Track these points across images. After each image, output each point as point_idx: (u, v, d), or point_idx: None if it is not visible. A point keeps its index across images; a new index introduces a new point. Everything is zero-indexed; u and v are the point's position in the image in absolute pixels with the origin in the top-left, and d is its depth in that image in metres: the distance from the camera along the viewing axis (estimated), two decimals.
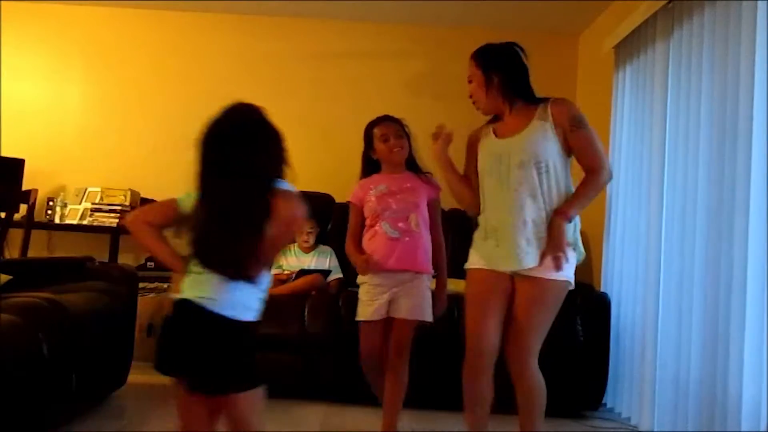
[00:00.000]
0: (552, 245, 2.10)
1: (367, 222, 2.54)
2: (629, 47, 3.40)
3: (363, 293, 2.50)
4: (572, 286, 2.22)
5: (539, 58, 2.60)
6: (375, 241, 2.49)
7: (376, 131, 2.54)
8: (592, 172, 2.15)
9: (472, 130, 2.42)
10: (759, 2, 2.25)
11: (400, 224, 2.47)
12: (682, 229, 2.73)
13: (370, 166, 2.60)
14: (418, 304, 2.46)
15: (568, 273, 2.16)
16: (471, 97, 2.33)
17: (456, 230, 3.91)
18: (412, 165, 2.59)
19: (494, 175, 2.19)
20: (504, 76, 2.23)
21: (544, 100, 2.21)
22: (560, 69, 4.40)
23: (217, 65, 4.48)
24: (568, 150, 2.17)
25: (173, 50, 4.49)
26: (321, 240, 3.80)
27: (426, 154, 2.82)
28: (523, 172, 2.12)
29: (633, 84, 3.36)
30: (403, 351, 2.47)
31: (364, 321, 2.48)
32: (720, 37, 2.49)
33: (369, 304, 2.47)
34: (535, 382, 2.20)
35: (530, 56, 2.40)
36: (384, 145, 2.52)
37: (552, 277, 2.13)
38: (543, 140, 2.14)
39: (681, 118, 2.80)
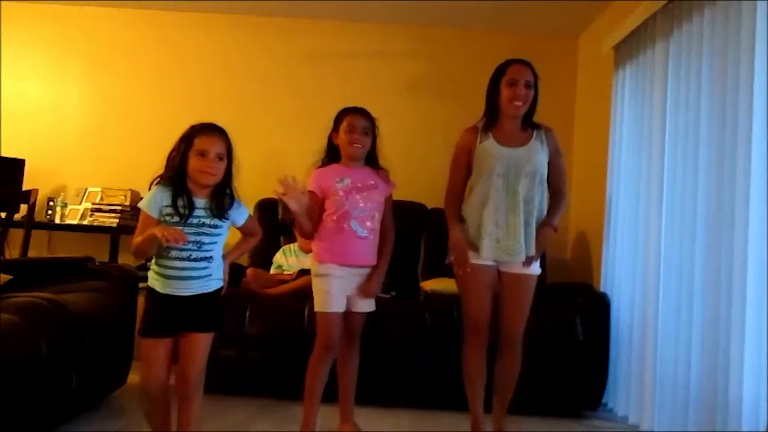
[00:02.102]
0: (539, 248, 2.52)
1: (331, 215, 2.49)
2: (629, 47, 3.40)
3: (327, 285, 2.48)
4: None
5: (539, 59, 2.62)
6: (342, 238, 2.47)
7: (346, 119, 2.53)
8: (562, 193, 2.64)
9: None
10: (759, 2, 2.25)
11: (368, 223, 2.50)
12: (681, 228, 2.73)
13: (331, 151, 2.58)
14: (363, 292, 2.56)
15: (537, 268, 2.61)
16: (520, 99, 2.48)
17: None
18: (371, 160, 2.58)
19: (502, 178, 2.48)
20: (536, 94, 2.55)
21: (537, 125, 2.57)
22: (560, 69, 4.40)
23: (217, 65, 4.48)
24: None
25: (173, 50, 4.50)
26: None
27: (416, 151, 2.81)
28: (528, 180, 2.48)
29: (633, 84, 3.36)
30: (357, 336, 2.60)
31: (330, 312, 2.47)
32: (720, 37, 2.49)
33: (336, 296, 2.47)
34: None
35: (530, 57, 2.50)
36: (346, 135, 2.50)
37: (530, 273, 2.56)
38: (543, 157, 2.53)
39: (680, 118, 2.80)
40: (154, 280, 2.09)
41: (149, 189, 2.09)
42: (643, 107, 3.19)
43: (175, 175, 2.07)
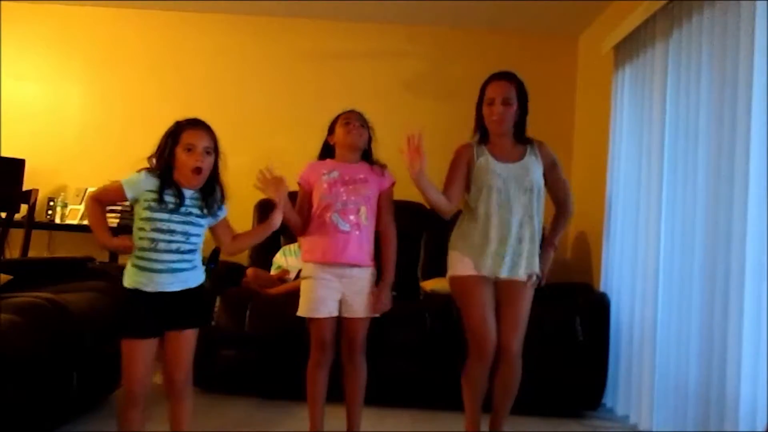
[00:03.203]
0: (543, 270, 2.56)
1: (315, 208, 2.45)
2: (628, 48, 3.40)
3: (311, 290, 2.42)
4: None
5: (539, 59, 2.63)
6: (323, 232, 2.41)
7: (341, 117, 2.51)
8: (566, 206, 2.66)
9: (468, 130, 2.60)
10: (758, 2, 2.25)
11: (351, 217, 2.41)
12: (681, 229, 2.73)
13: (326, 151, 2.54)
14: (369, 301, 2.44)
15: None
16: (499, 116, 2.47)
17: None
18: (366, 157, 2.53)
19: (503, 194, 2.48)
20: (523, 108, 2.53)
21: (529, 140, 2.57)
22: (560, 70, 4.40)
23: (217, 65, 4.48)
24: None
25: (174, 50, 4.50)
26: None
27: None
28: (527, 196, 2.49)
29: (632, 84, 3.36)
30: (359, 348, 2.46)
31: (317, 318, 2.41)
32: (719, 37, 2.49)
33: (319, 301, 2.40)
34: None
35: (529, 57, 2.48)
36: (343, 128, 2.47)
37: (528, 286, 2.53)
38: (539, 171, 2.53)
39: (680, 118, 2.80)
40: (136, 280, 2.02)
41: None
42: (643, 107, 3.19)
43: (163, 170, 2.06)
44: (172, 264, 2.03)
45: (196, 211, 2.08)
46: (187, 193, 2.07)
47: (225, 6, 4.35)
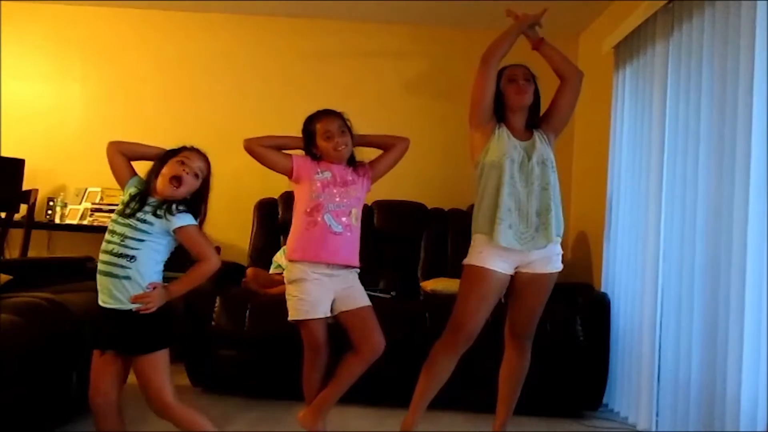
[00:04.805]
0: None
1: (303, 206, 2.42)
2: (629, 47, 3.40)
3: (301, 291, 2.37)
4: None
5: (539, 59, 2.62)
6: (315, 232, 2.37)
7: (319, 127, 2.44)
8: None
9: (468, 130, 2.59)
10: (759, 2, 2.25)
11: (344, 219, 2.40)
12: (681, 228, 2.73)
13: (313, 157, 2.48)
14: (363, 291, 2.46)
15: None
16: (522, 88, 2.51)
17: (456, 229, 3.91)
18: (351, 161, 2.51)
19: (515, 165, 2.46)
20: (537, 95, 2.59)
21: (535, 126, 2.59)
22: None
23: (217, 65, 4.48)
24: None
25: (173, 50, 4.50)
26: None
27: (416, 151, 2.80)
28: (540, 168, 2.46)
29: (633, 84, 3.36)
30: (377, 328, 2.42)
31: (312, 319, 2.37)
32: (720, 37, 2.49)
33: (311, 302, 2.36)
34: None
35: (530, 57, 2.49)
36: (327, 143, 2.42)
37: (550, 271, 2.55)
38: (548, 147, 2.53)
39: (680, 118, 2.80)
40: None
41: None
42: (643, 107, 3.19)
43: (148, 178, 2.08)
44: (103, 266, 2.03)
45: (140, 215, 2.01)
46: (153, 200, 2.04)
47: (225, 6, 4.35)
